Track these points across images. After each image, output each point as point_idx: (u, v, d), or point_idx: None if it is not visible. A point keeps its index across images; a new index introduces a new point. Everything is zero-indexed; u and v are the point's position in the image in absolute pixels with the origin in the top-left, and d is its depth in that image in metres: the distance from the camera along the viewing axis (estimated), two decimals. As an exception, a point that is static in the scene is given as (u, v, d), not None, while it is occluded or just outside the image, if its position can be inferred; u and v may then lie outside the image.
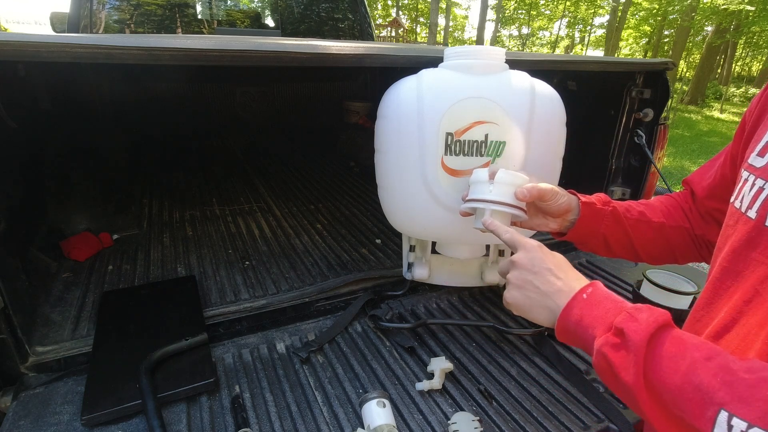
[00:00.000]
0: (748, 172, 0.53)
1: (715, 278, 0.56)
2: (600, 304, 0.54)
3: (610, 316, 0.52)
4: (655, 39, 20.41)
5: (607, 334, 0.51)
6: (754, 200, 0.50)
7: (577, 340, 0.57)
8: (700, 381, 0.42)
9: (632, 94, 1.40)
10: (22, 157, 1.39)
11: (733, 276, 0.53)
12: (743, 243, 0.51)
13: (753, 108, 0.60)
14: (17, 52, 0.68)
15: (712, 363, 0.43)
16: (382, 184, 1.10)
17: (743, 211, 0.52)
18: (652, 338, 0.47)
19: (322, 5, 3.05)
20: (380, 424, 0.80)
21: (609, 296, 0.55)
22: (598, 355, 0.51)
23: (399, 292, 1.30)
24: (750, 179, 0.52)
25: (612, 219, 0.78)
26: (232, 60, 0.84)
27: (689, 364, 0.44)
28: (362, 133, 2.63)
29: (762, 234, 0.49)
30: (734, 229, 0.54)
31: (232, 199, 2.04)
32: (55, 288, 1.26)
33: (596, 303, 0.55)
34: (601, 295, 0.56)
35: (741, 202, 0.53)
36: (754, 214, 0.50)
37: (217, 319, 1.14)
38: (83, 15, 2.42)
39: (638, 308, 0.51)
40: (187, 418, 0.86)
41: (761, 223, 0.49)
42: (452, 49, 0.99)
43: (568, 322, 0.56)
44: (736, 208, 0.54)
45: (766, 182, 0.50)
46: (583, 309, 0.55)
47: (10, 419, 0.83)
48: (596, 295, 0.56)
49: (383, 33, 16.66)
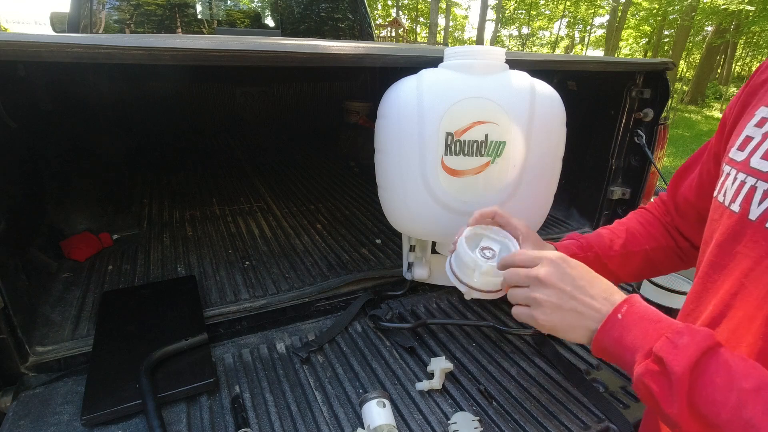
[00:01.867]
0: (730, 166, 0.53)
1: (703, 272, 0.56)
2: (637, 325, 0.51)
3: (649, 340, 0.49)
4: (655, 39, 20.41)
5: (647, 361, 0.48)
6: (737, 194, 0.51)
7: (616, 361, 0.54)
8: (751, 417, 0.40)
9: (632, 94, 1.40)
10: (22, 156, 1.39)
11: (719, 270, 0.53)
12: (728, 237, 0.52)
13: (733, 105, 0.60)
14: (17, 52, 0.68)
15: (762, 395, 0.41)
16: (382, 184, 1.10)
17: (726, 205, 0.52)
18: (695, 367, 0.44)
19: (322, 5, 3.05)
20: (380, 424, 0.80)
21: (647, 315, 0.52)
22: (638, 383, 0.49)
23: (399, 292, 1.30)
24: (732, 173, 0.52)
25: (595, 264, 0.75)
26: (232, 60, 0.84)
27: (737, 396, 0.41)
28: (362, 133, 2.63)
29: (746, 227, 0.49)
30: (719, 223, 0.54)
31: (232, 199, 2.04)
32: (55, 288, 1.26)
33: (633, 324, 0.51)
34: (638, 314, 0.52)
35: (724, 196, 0.53)
36: (737, 207, 0.50)
37: (217, 319, 1.14)
38: (83, 15, 2.42)
39: (679, 332, 0.47)
40: (187, 418, 0.86)
41: (744, 216, 0.49)
42: (452, 49, 0.99)
43: (605, 343, 0.53)
44: (719, 202, 0.54)
45: (747, 175, 0.50)
46: (621, 330, 0.52)
47: (10, 419, 0.83)
48: (633, 315, 0.52)
49: (383, 33, 16.66)
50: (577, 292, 0.56)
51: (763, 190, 0.48)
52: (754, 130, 0.52)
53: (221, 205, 1.96)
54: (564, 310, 0.56)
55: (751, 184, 0.49)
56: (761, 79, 0.55)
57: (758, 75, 0.57)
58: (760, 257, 0.47)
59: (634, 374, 0.49)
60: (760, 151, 0.49)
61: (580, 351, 1.09)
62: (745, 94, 0.58)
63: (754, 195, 0.48)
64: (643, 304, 0.54)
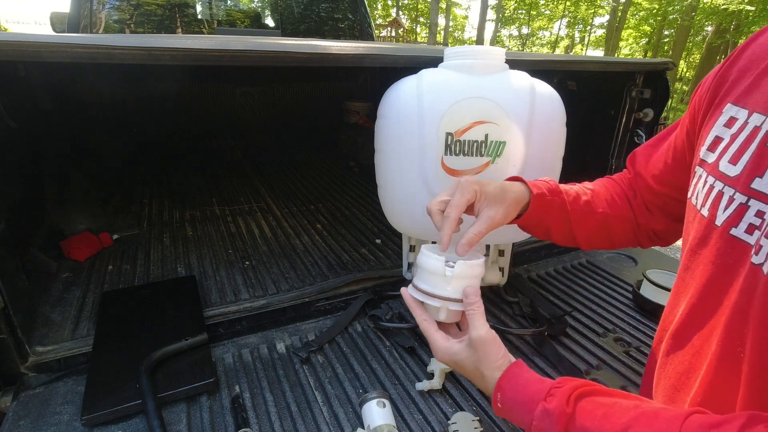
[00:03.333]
0: (702, 168, 0.53)
1: (679, 274, 0.56)
2: (512, 411, 0.55)
3: (527, 423, 0.53)
4: (655, 39, 20.42)
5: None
6: (707, 198, 0.50)
7: None
8: None
9: (632, 94, 1.40)
10: (22, 156, 1.39)
11: (690, 273, 0.53)
12: (698, 241, 0.51)
13: (704, 93, 0.57)
14: (17, 52, 0.68)
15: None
16: (382, 184, 1.10)
17: (698, 208, 0.52)
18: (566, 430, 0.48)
19: (322, 5, 3.05)
20: (380, 424, 0.80)
21: (516, 398, 0.55)
22: None
23: (399, 292, 1.29)
24: (703, 176, 0.52)
25: (559, 211, 0.75)
26: (232, 60, 0.84)
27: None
28: (362, 133, 2.63)
29: (712, 233, 0.49)
30: (693, 225, 0.53)
31: (232, 199, 2.04)
32: (55, 288, 1.26)
33: (509, 410, 0.56)
34: (510, 401, 0.55)
35: (696, 198, 0.53)
36: (706, 212, 0.50)
37: (217, 319, 1.14)
38: (83, 15, 2.42)
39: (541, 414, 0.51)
40: (187, 418, 0.86)
41: (712, 221, 0.49)
42: (452, 49, 0.99)
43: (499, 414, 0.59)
44: (693, 204, 0.54)
45: (716, 179, 0.49)
46: (506, 414, 0.57)
47: (10, 419, 0.83)
48: (506, 402, 0.56)
49: (383, 33, 16.65)
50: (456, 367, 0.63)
51: (729, 196, 0.47)
52: (723, 130, 0.51)
53: (221, 205, 1.96)
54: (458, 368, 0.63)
55: (719, 189, 0.48)
56: (731, 70, 0.53)
57: (730, 63, 0.54)
58: (726, 265, 0.47)
59: None
60: (728, 155, 0.48)
61: (580, 351, 1.09)
62: (715, 83, 0.55)
63: (720, 200, 0.48)
64: (510, 387, 0.56)
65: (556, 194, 0.75)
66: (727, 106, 0.51)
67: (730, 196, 0.47)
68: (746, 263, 0.44)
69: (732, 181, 0.47)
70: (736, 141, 0.48)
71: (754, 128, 0.46)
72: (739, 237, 0.45)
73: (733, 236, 0.46)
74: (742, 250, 0.45)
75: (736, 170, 0.47)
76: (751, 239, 0.44)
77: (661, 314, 0.62)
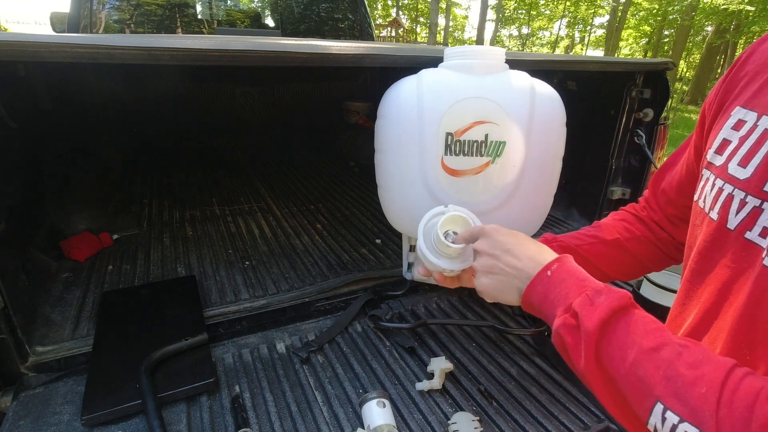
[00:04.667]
0: (709, 170, 0.53)
1: (686, 278, 0.56)
2: (563, 282, 0.54)
3: (571, 296, 0.51)
4: (655, 39, 20.41)
5: (566, 315, 0.51)
6: (715, 201, 0.50)
7: (541, 315, 0.57)
8: (644, 373, 0.43)
9: (632, 94, 1.40)
10: (22, 157, 1.39)
11: (701, 277, 0.52)
12: (708, 245, 0.51)
13: (713, 98, 0.58)
14: (17, 52, 0.68)
15: (657, 355, 0.43)
16: (382, 184, 1.10)
17: (707, 211, 0.51)
18: (605, 324, 0.47)
19: (322, 5, 3.05)
20: (380, 424, 0.80)
21: (574, 273, 0.54)
22: (555, 334, 0.52)
23: (399, 292, 1.30)
24: (711, 178, 0.52)
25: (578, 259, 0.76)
26: (232, 60, 0.84)
27: (636, 354, 0.44)
28: (362, 133, 2.63)
29: (724, 236, 0.48)
30: (700, 229, 0.53)
31: (232, 199, 2.04)
32: (55, 288, 1.26)
33: (559, 281, 0.54)
34: (566, 271, 0.55)
35: (704, 202, 0.52)
36: (716, 215, 0.49)
37: (217, 319, 1.14)
38: (83, 15, 2.42)
39: (598, 290, 0.50)
40: (187, 418, 0.86)
41: (723, 225, 0.48)
42: (452, 49, 0.99)
43: (532, 299, 0.57)
44: (700, 207, 0.54)
45: (725, 182, 0.49)
46: (546, 286, 0.55)
47: (10, 419, 0.83)
48: (561, 272, 0.55)
49: (383, 33, 16.65)
50: (504, 255, 0.60)
51: (740, 199, 0.46)
52: (731, 132, 0.50)
53: (221, 205, 1.96)
54: (494, 274, 0.61)
55: (729, 192, 0.48)
56: (739, 75, 0.54)
57: (737, 68, 0.54)
58: (741, 269, 0.46)
59: (553, 326, 0.52)
60: (737, 157, 0.48)
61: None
62: (723, 89, 0.56)
63: (731, 204, 0.47)
64: (573, 264, 0.56)
65: (551, 240, 0.77)
66: (735, 109, 0.51)
67: (742, 199, 0.46)
68: (757, 266, 0.44)
69: (742, 183, 0.47)
70: (745, 143, 0.48)
71: (764, 131, 0.46)
72: (753, 241, 0.45)
73: (747, 240, 0.46)
74: (756, 253, 0.44)
75: (747, 173, 0.46)
76: (764, 243, 0.44)
77: (661, 314, 0.62)
